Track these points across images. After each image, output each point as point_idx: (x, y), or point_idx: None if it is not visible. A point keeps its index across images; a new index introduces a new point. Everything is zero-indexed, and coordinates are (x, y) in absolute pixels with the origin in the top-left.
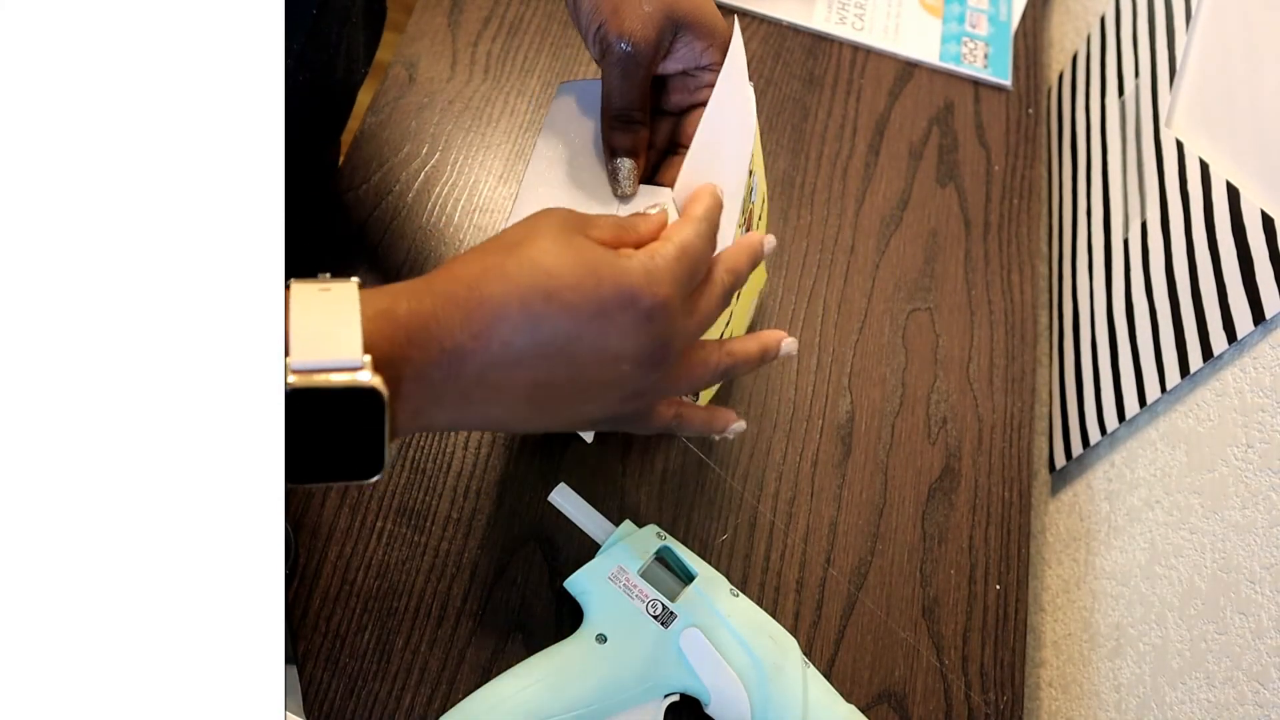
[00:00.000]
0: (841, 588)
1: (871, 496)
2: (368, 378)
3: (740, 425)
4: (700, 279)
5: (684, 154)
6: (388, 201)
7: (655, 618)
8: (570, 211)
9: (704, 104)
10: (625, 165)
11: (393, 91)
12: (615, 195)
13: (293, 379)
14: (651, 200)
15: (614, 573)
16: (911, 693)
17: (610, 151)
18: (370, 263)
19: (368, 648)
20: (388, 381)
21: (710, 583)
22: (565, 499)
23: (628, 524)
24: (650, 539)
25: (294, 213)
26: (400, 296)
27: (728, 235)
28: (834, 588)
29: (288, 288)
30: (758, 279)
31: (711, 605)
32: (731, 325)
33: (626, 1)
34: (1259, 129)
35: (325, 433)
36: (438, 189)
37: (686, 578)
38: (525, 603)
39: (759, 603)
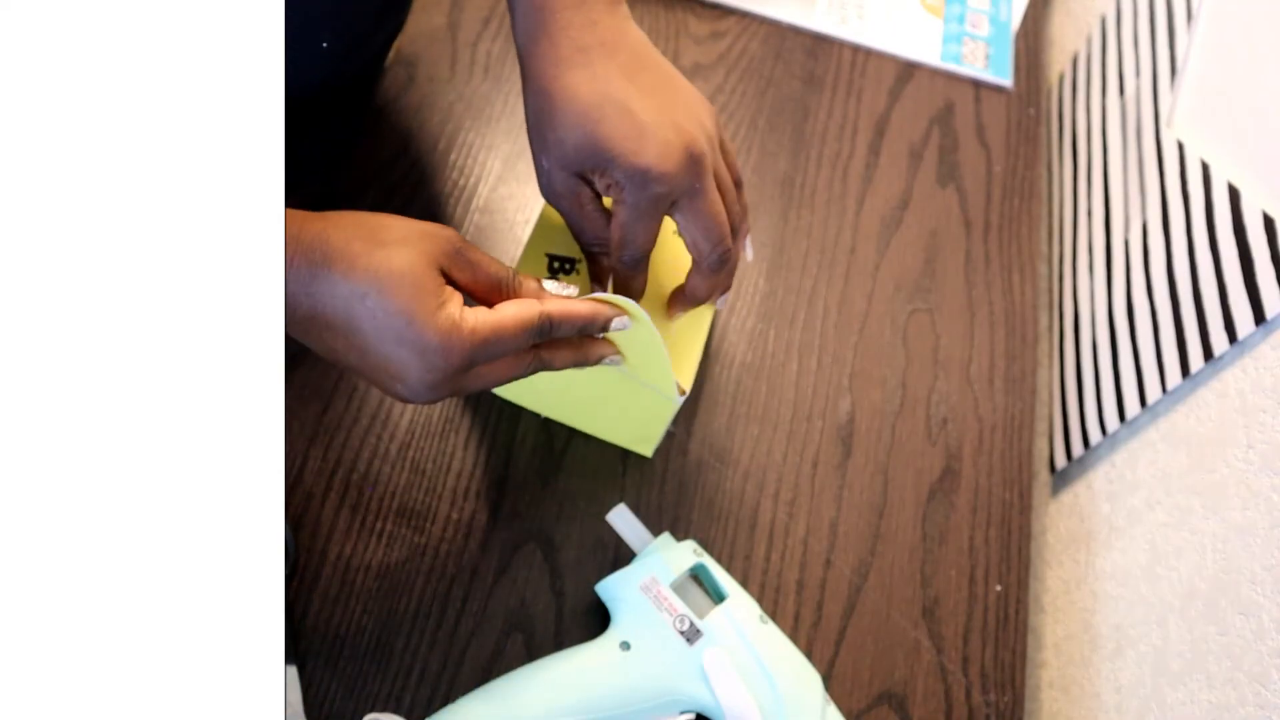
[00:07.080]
0: (842, 588)
1: (872, 497)
2: None
3: (616, 359)
4: (499, 356)
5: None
6: (387, 202)
7: (682, 633)
8: (451, 243)
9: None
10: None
11: (392, 91)
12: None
13: None
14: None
15: (646, 583)
16: (912, 693)
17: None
18: None
19: (368, 648)
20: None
21: (741, 606)
22: (620, 518)
23: (666, 536)
24: (687, 554)
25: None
26: (303, 225)
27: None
28: (834, 588)
29: None
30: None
31: (740, 629)
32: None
33: (645, 127)
34: (1260, 129)
35: None
36: (437, 189)
37: (718, 598)
38: (525, 603)
39: (759, 602)
